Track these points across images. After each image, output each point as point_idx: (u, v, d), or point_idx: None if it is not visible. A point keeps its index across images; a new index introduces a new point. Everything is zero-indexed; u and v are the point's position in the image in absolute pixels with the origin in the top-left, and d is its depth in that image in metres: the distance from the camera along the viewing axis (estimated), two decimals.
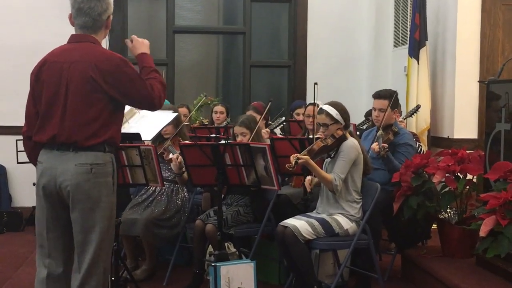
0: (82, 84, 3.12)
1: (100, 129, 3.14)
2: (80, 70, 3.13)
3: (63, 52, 3.24)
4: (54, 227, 3.23)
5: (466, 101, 5.95)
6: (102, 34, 3.30)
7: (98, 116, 3.14)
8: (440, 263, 4.44)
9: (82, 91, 3.12)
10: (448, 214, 4.60)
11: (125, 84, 3.15)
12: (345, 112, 4.30)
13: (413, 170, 4.54)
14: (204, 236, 4.55)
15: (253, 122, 4.82)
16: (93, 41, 3.24)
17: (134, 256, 5.09)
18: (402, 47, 7.10)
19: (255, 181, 4.27)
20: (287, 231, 4.08)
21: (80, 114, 3.13)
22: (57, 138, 3.14)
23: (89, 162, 3.13)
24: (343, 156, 4.19)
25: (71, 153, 3.13)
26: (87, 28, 3.23)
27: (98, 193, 3.14)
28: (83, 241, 3.15)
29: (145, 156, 4.55)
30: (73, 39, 3.27)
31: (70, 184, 3.11)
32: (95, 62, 3.13)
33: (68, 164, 3.13)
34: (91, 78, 3.11)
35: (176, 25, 7.97)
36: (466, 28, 5.92)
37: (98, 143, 3.14)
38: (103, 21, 3.25)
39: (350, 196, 4.24)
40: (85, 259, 3.14)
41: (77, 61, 3.15)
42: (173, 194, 5.02)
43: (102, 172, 3.16)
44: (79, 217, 3.14)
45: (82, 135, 3.12)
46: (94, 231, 3.15)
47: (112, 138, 3.21)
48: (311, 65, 7.94)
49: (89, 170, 3.12)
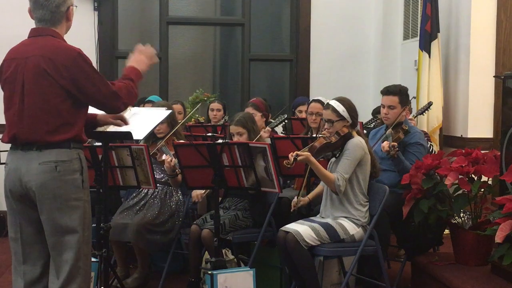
0: (36, 79, 3.17)
1: (62, 125, 3.19)
2: (33, 64, 3.18)
3: (21, 47, 3.30)
4: (28, 231, 3.27)
5: (481, 98, 5.95)
6: (63, 27, 3.35)
7: (57, 112, 3.18)
8: (453, 271, 4.44)
9: (38, 86, 3.18)
10: (461, 219, 4.60)
11: (81, 78, 3.19)
12: (353, 109, 4.30)
13: (424, 172, 4.54)
14: (200, 242, 4.55)
15: (250, 120, 4.82)
16: (53, 34, 3.28)
17: (125, 263, 5.09)
18: (412, 40, 7.10)
19: (255, 183, 4.27)
20: (289, 236, 4.08)
21: (37, 111, 3.18)
22: (18, 138, 3.21)
23: (53, 160, 3.17)
24: (347, 155, 4.19)
25: (35, 152, 3.19)
26: (45, 21, 3.29)
27: (65, 192, 3.18)
28: (57, 243, 3.19)
29: (137, 157, 4.56)
30: (32, 33, 3.33)
31: (35, 184, 3.16)
32: (49, 55, 3.18)
33: (32, 163, 3.18)
34: (44, 71, 3.16)
35: (170, 16, 7.97)
36: (481, 19, 5.92)
37: (63, 140, 3.19)
38: (62, 13, 3.30)
39: (356, 199, 4.24)
40: (64, 264, 3.18)
41: (32, 56, 3.21)
42: (166, 197, 5.02)
43: (68, 169, 3.20)
44: (48, 218, 3.18)
45: (42, 132, 3.17)
46: (68, 233, 3.18)
47: (77, 135, 3.25)
48: (315, 59, 7.94)
49: (53, 168, 3.17)
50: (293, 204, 4.44)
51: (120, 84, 3.33)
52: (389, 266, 5.33)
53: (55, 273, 3.20)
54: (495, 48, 5.92)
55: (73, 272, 3.18)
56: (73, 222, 3.20)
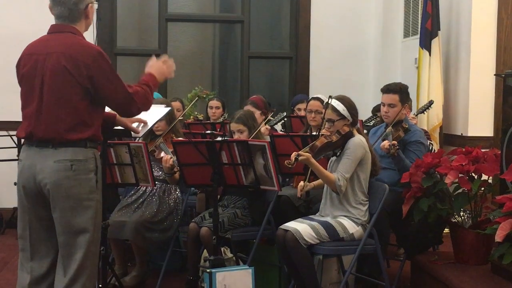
0: (56, 76, 3.16)
1: (79, 124, 3.18)
2: (54, 61, 3.17)
3: (40, 43, 3.29)
4: (37, 228, 3.27)
5: (481, 96, 5.95)
6: (82, 25, 3.33)
7: (75, 110, 3.17)
8: (452, 270, 4.44)
9: (57, 83, 3.16)
10: (461, 218, 4.60)
11: (99, 78, 3.18)
12: (353, 108, 4.30)
13: (424, 170, 4.54)
14: (199, 240, 4.54)
15: (250, 117, 4.82)
16: (73, 31, 3.27)
17: (123, 261, 5.08)
18: (413, 38, 7.10)
19: (254, 181, 4.27)
20: (288, 235, 4.08)
21: (56, 108, 3.16)
22: (34, 135, 3.19)
23: (69, 159, 3.16)
24: (348, 154, 4.19)
25: (51, 150, 3.17)
26: (64, 18, 3.27)
27: (78, 191, 3.17)
28: (68, 243, 3.18)
29: (135, 154, 4.56)
30: (52, 30, 3.32)
31: (49, 182, 3.15)
32: (70, 52, 3.17)
33: (47, 160, 3.16)
34: (65, 69, 3.15)
35: (169, 12, 7.97)
36: (482, 17, 5.92)
37: (79, 139, 3.18)
38: (80, 10, 3.28)
39: (356, 197, 4.24)
40: (72, 263, 3.17)
41: (52, 52, 3.19)
42: (165, 195, 5.02)
43: (83, 168, 3.19)
44: (61, 216, 3.17)
45: (59, 130, 3.16)
46: (79, 233, 3.18)
47: (94, 135, 3.24)
48: (314, 57, 7.93)
49: (69, 167, 3.16)
50: (299, 189, 4.38)
51: (137, 88, 3.32)
52: (389, 265, 5.34)
53: (63, 272, 3.20)
54: (496, 46, 5.92)
55: (80, 271, 3.18)
56: (85, 221, 3.19)
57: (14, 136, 6.45)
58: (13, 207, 6.77)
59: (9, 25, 7.04)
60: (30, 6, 7.03)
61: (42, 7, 3.72)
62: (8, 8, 7.15)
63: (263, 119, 5.75)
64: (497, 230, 3.85)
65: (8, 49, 6.83)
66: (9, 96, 6.70)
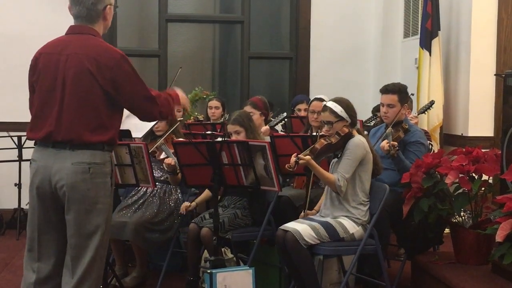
0: (79, 77, 3.14)
1: (98, 127, 3.17)
2: (77, 62, 3.15)
3: (60, 43, 3.26)
4: (46, 229, 3.26)
5: (482, 96, 5.94)
6: (100, 26, 3.32)
7: (97, 113, 3.16)
8: (453, 270, 4.44)
9: (80, 85, 3.14)
10: (461, 218, 4.60)
11: (122, 80, 3.17)
12: (351, 109, 4.30)
13: (424, 170, 4.54)
14: (199, 241, 4.55)
15: (247, 118, 4.82)
16: (92, 33, 3.26)
17: (123, 262, 5.09)
18: (413, 38, 7.10)
19: (254, 181, 4.27)
20: (288, 235, 4.08)
21: (77, 110, 3.14)
22: (53, 136, 3.16)
23: (87, 161, 3.15)
24: (348, 154, 4.19)
25: (68, 151, 3.15)
26: (81, 18, 3.26)
27: (95, 194, 3.16)
28: (79, 245, 3.17)
29: (136, 155, 4.56)
30: (71, 30, 3.29)
31: (66, 183, 3.13)
32: (94, 55, 3.15)
33: (65, 162, 3.14)
34: (88, 71, 3.13)
35: (169, 13, 7.97)
36: (482, 17, 5.92)
37: (98, 142, 3.16)
38: (98, 11, 3.26)
39: (356, 198, 4.24)
40: (81, 265, 3.17)
41: (74, 53, 3.17)
42: (165, 196, 5.02)
43: (100, 172, 3.18)
44: (75, 218, 3.16)
45: (79, 132, 3.13)
46: (91, 235, 3.17)
47: (112, 139, 3.23)
48: (314, 57, 7.93)
49: (86, 169, 3.14)
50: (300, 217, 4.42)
51: (159, 93, 3.33)
52: (389, 265, 5.33)
53: (70, 273, 3.18)
54: (496, 46, 5.92)
55: (88, 273, 3.17)
56: (97, 224, 3.18)
57: (14, 137, 6.45)
58: (13, 208, 6.78)
59: (9, 26, 7.04)
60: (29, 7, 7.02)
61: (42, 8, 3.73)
62: (8, 9, 7.15)
63: (262, 120, 5.75)
64: (498, 230, 3.85)
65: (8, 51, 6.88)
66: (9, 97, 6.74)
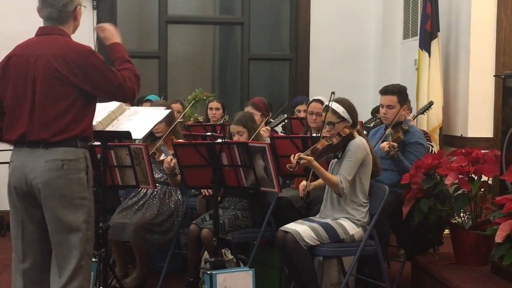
0: (48, 78, 3.19)
1: (70, 124, 3.21)
2: (45, 63, 3.19)
3: (30, 45, 3.31)
4: (29, 228, 3.29)
5: (481, 97, 5.95)
6: (71, 26, 3.37)
7: (68, 111, 3.20)
8: (452, 271, 4.44)
9: (49, 85, 3.19)
10: (461, 219, 4.60)
11: (95, 75, 3.22)
12: (353, 109, 4.30)
13: (424, 171, 4.54)
14: (199, 242, 4.55)
15: (250, 119, 4.83)
16: (61, 33, 3.30)
17: (123, 263, 5.09)
18: (412, 39, 7.10)
19: (254, 183, 4.27)
20: (288, 236, 4.08)
21: (48, 110, 3.19)
22: (26, 136, 3.22)
23: (60, 158, 3.20)
24: (350, 156, 4.19)
25: (42, 150, 3.20)
26: (53, 19, 3.31)
27: (70, 191, 3.20)
28: (61, 242, 3.21)
29: (136, 156, 4.56)
30: (40, 32, 3.34)
31: (41, 181, 3.18)
32: (61, 54, 3.20)
33: (39, 161, 3.19)
34: (56, 71, 3.17)
35: (169, 14, 7.97)
36: (481, 18, 5.92)
37: (69, 138, 3.21)
38: (69, 12, 3.32)
39: (356, 199, 4.24)
40: (68, 263, 3.20)
41: (42, 54, 3.22)
42: (165, 197, 5.02)
43: (74, 168, 3.22)
44: (53, 216, 3.20)
45: (51, 131, 3.19)
46: (72, 232, 3.21)
47: (84, 132, 3.27)
48: (314, 58, 7.94)
49: (60, 166, 3.19)
50: (301, 188, 4.36)
51: (126, 74, 3.33)
52: (389, 266, 5.33)
53: (57, 271, 3.22)
54: (495, 47, 5.92)
55: (76, 271, 3.21)
56: (77, 220, 3.22)
57: None
58: None
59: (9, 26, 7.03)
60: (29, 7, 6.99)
61: None
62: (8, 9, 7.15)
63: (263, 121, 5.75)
64: (497, 231, 3.85)
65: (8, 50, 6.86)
66: None
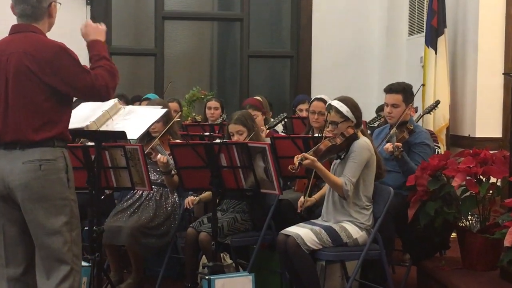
0: (19, 77, 3.20)
1: (46, 123, 3.22)
2: (16, 61, 3.21)
3: (2, 44, 3.32)
4: (11, 232, 3.30)
5: (489, 96, 5.95)
6: (45, 23, 3.37)
7: (42, 110, 3.21)
8: (460, 276, 4.44)
9: (21, 84, 3.20)
10: (469, 222, 4.60)
11: (65, 72, 3.21)
12: (357, 109, 4.30)
13: (430, 173, 4.54)
14: (197, 246, 4.55)
15: (249, 118, 4.83)
16: (34, 30, 3.31)
17: (118, 268, 5.08)
18: (418, 36, 7.11)
19: (254, 184, 4.27)
20: (290, 240, 4.08)
21: (21, 110, 3.20)
22: (1, 137, 3.23)
23: (37, 159, 3.20)
24: (354, 157, 4.18)
25: (18, 151, 3.21)
26: (27, 16, 3.31)
27: (50, 192, 3.21)
28: (46, 245, 3.22)
29: (131, 157, 4.56)
30: (14, 30, 3.36)
31: (19, 184, 3.18)
32: (32, 51, 3.21)
33: (16, 162, 3.20)
34: (27, 68, 3.19)
35: (166, 10, 7.98)
36: (489, 14, 5.93)
37: (46, 138, 3.22)
38: (43, 8, 3.33)
39: (359, 202, 4.24)
40: (54, 265, 3.22)
41: (13, 53, 3.23)
42: (162, 199, 5.02)
43: (52, 168, 3.22)
44: (34, 218, 3.21)
45: (26, 131, 3.19)
46: (55, 235, 3.21)
47: (61, 133, 3.28)
48: (316, 56, 7.95)
49: (37, 167, 3.19)
50: (299, 204, 4.43)
51: (98, 71, 3.31)
52: (394, 271, 5.33)
53: (44, 274, 3.23)
54: (504, 44, 5.93)
55: (65, 273, 3.22)
56: (60, 222, 3.22)
57: None
58: None
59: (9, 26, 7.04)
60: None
61: None
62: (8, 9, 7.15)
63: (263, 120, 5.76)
64: (506, 234, 3.85)
65: None
66: None
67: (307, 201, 4.42)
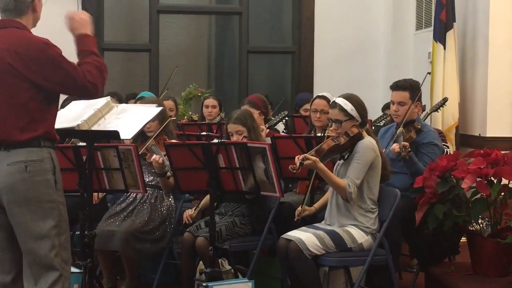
0: (2, 74, 3.20)
1: (31, 123, 3.22)
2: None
3: None
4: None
5: (501, 93, 5.95)
6: (29, 18, 3.37)
7: (26, 109, 3.21)
8: (470, 282, 4.44)
9: (4, 82, 3.21)
10: (479, 225, 4.60)
11: (51, 69, 3.22)
12: (362, 107, 4.29)
13: (438, 174, 4.54)
14: (194, 251, 4.55)
15: (249, 117, 4.83)
16: (17, 26, 3.31)
17: (111, 274, 5.08)
18: (426, 30, 7.11)
19: (254, 187, 4.27)
20: (291, 245, 4.08)
21: (5, 109, 3.21)
22: None
23: (23, 160, 3.20)
24: (358, 158, 4.18)
25: (3, 152, 3.22)
26: (9, 11, 3.32)
27: (37, 194, 3.21)
28: (33, 250, 3.22)
29: (125, 158, 4.56)
30: None
31: (5, 186, 3.19)
32: (15, 48, 3.21)
33: (0, 164, 3.20)
34: (10, 65, 3.19)
35: (161, 3, 7.98)
36: (500, 7, 5.92)
37: (32, 138, 3.22)
38: (27, 3, 3.33)
39: (364, 204, 4.23)
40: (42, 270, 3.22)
41: None
42: (157, 202, 5.02)
43: (39, 169, 3.23)
44: (21, 222, 3.21)
45: (10, 131, 3.20)
46: (43, 239, 3.22)
47: (47, 132, 3.28)
48: (319, 52, 7.95)
49: (23, 168, 3.20)
50: (296, 213, 4.44)
51: (86, 67, 3.32)
52: (401, 277, 5.33)
53: (33, 280, 3.24)
54: None
55: (53, 279, 3.22)
56: (48, 226, 3.23)
57: None
58: None
59: None
60: None
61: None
62: None
63: (262, 119, 5.75)
64: None
65: None
66: None
67: (305, 210, 4.42)
